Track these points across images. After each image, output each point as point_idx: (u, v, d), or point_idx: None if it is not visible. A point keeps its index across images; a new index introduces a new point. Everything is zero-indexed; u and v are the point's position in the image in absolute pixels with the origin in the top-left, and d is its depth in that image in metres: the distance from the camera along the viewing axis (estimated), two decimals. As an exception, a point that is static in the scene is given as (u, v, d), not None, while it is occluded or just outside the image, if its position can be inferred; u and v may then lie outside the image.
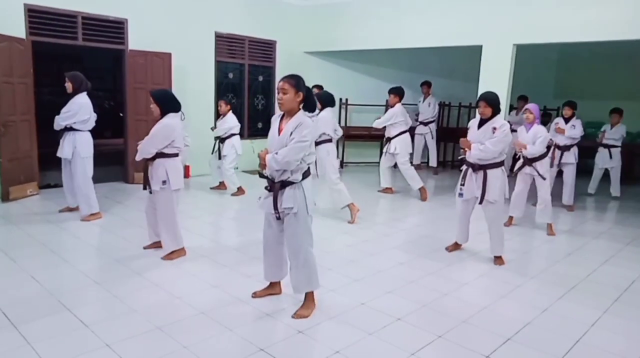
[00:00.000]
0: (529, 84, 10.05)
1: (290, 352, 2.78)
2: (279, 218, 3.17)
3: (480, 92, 6.99)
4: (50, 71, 9.70)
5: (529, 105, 5.39)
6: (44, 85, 9.51)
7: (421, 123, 9.09)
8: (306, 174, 3.11)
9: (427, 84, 9.22)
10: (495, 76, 6.87)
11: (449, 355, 2.84)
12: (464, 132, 4.52)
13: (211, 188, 7.07)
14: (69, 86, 5.10)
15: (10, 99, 5.78)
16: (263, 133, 9.18)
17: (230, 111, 6.81)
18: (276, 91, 3.07)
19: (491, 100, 4.16)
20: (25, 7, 6.05)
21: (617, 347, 2.98)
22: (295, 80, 3.02)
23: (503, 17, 6.78)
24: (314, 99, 3.13)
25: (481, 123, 4.26)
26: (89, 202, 5.19)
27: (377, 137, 9.62)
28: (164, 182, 3.98)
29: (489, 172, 4.20)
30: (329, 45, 8.98)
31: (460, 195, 4.40)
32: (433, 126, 9.19)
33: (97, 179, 5.31)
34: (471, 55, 7.58)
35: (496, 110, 4.19)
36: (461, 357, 2.81)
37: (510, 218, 5.71)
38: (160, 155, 3.98)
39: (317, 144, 5.68)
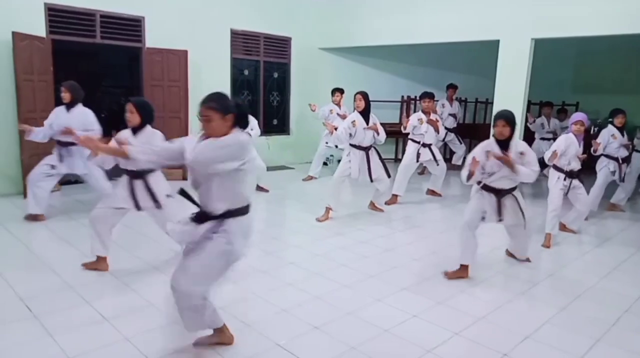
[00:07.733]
0: (547, 78, 9.88)
1: (307, 348, 2.78)
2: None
3: (497, 87, 6.92)
4: (69, 69, 9.83)
5: (579, 116, 4.90)
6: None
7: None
8: (233, 213, 2.66)
9: (452, 87, 8.68)
10: (513, 71, 6.77)
11: (467, 352, 2.82)
12: (480, 128, 4.44)
13: None
14: (66, 96, 4.90)
15: (30, 97, 5.88)
16: (278, 129, 9.23)
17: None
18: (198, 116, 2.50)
19: (511, 119, 3.74)
20: (46, 6, 6.15)
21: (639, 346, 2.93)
22: (217, 103, 2.42)
23: (521, 11, 6.67)
24: (247, 115, 2.58)
25: (499, 145, 3.79)
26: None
27: (393, 134, 9.56)
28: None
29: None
30: (343, 41, 8.95)
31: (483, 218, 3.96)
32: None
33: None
34: (488, 50, 7.48)
35: (514, 130, 3.77)
36: (479, 355, 2.79)
37: None
38: None
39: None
